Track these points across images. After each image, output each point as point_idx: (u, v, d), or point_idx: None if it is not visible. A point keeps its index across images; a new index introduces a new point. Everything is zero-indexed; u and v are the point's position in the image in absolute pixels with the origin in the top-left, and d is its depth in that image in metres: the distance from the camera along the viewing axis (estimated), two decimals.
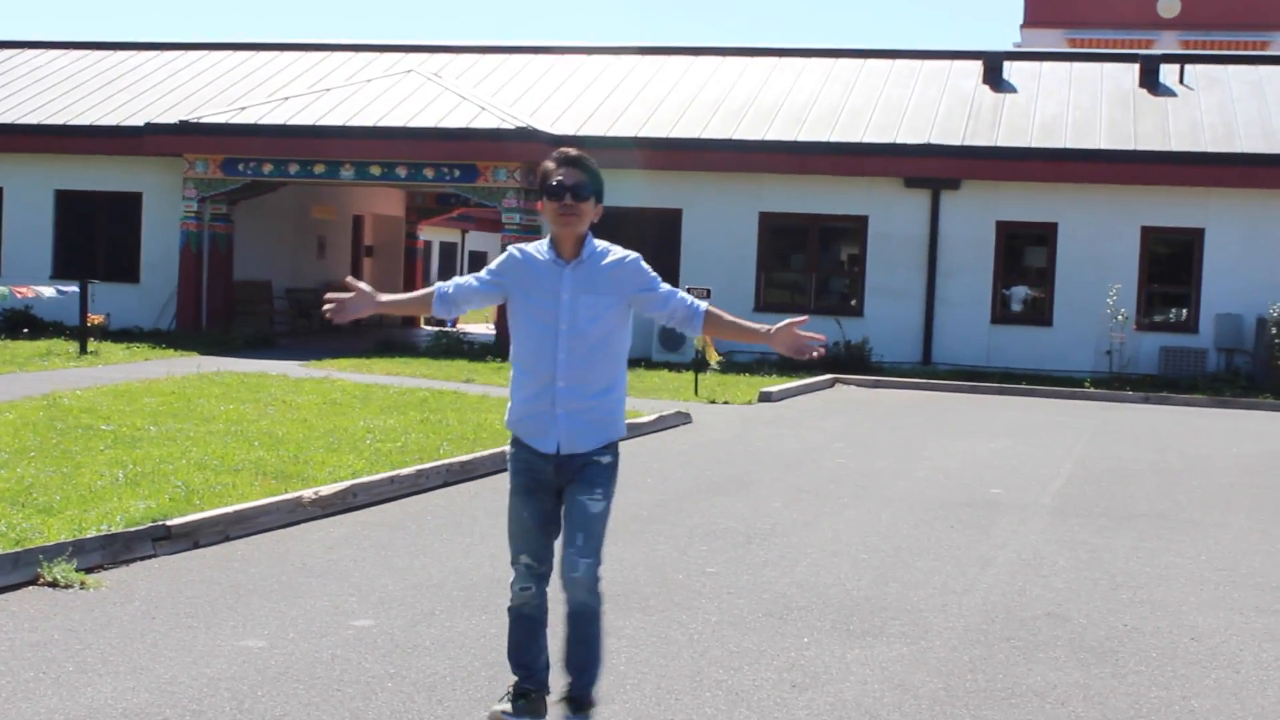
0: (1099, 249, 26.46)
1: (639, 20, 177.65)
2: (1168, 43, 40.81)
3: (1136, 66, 29.95)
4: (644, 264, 5.75)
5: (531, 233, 27.48)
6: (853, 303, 27.35)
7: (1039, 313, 26.99)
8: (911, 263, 26.95)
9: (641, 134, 27.93)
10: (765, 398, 20.56)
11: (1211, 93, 28.92)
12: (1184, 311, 26.69)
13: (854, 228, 27.60)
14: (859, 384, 24.13)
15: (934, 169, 26.85)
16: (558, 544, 5.77)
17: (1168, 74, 29.73)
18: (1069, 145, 26.79)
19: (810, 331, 5.64)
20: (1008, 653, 7.21)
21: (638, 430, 15.68)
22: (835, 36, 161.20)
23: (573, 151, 5.70)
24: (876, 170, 27.05)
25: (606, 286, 5.63)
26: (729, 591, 8.26)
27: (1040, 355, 26.36)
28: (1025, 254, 27.52)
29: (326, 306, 5.73)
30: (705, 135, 27.79)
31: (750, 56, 31.91)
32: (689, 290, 21.35)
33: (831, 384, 23.91)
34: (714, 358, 21.94)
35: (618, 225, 27.85)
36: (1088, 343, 26.16)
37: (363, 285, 5.71)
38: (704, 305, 5.75)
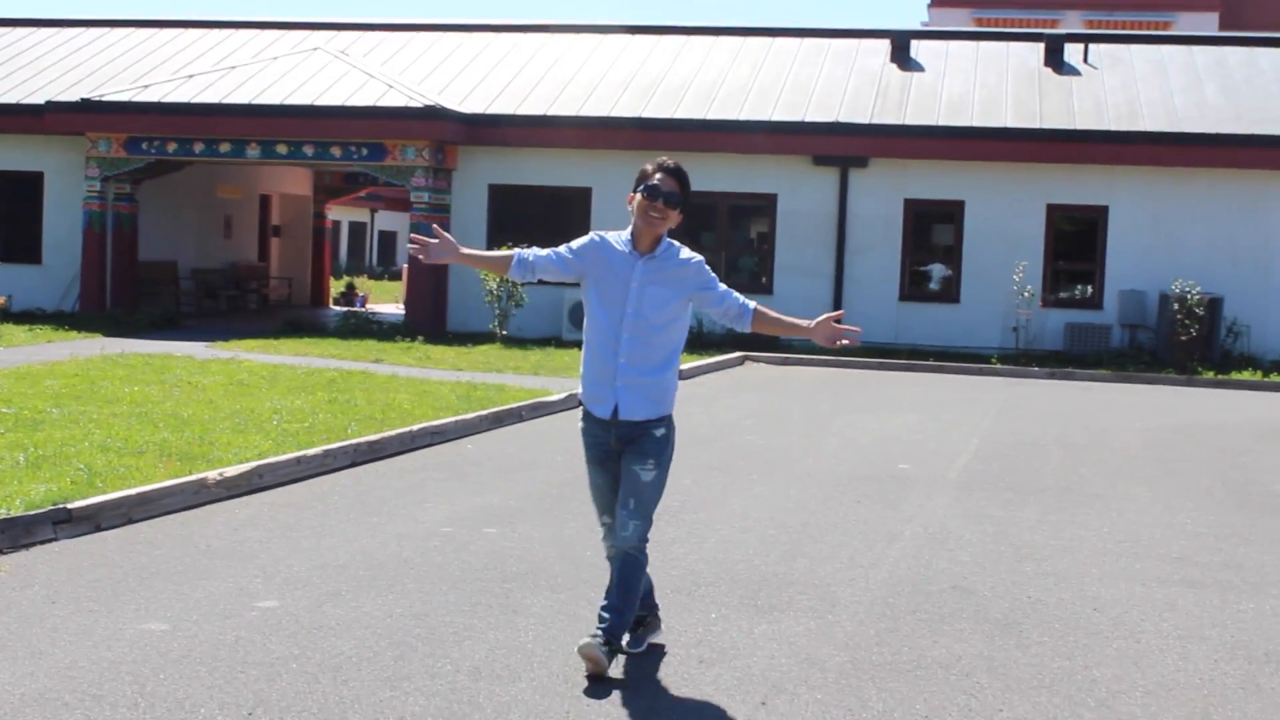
0: (1006, 226, 26.69)
1: None
2: (1072, 22, 41.22)
3: (1042, 45, 30.22)
4: (706, 266, 6.44)
5: (441, 211, 27.37)
6: (763, 280, 27.43)
7: (946, 290, 27.18)
8: (821, 240, 27.07)
9: (551, 112, 27.86)
10: None
11: (1115, 72, 29.23)
12: (1089, 288, 26.98)
13: (763, 206, 27.68)
14: (769, 361, 24.22)
15: (842, 147, 26.96)
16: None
17: (1072, 53, 30.02)
18: (976, 124, 26.98)
19: (846, 325, 6.25)
20: (914, 625, 7.26)
21: (546, 409, 15.65)
22: (744, 15, 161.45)
23: (672, 163, 6.35)
24: (785, 148, 27.13)
25: (671, 282, 6.32)
26: None
27: (948, 332, 26.57)
28: (933, 231, 27.71)
29: (411, 247, 6.42)
30: (615, 113, 27.76)
31: (659, 35, 31.91)
32: None
33: (741, 361, 23.97)
34: None
35: (528, 204, 27.87)
36: (994, 319, 26.40)
37: (447, 234, 6.38)
38: (753, 304, 6.42)
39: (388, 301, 38.53)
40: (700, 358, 23.07)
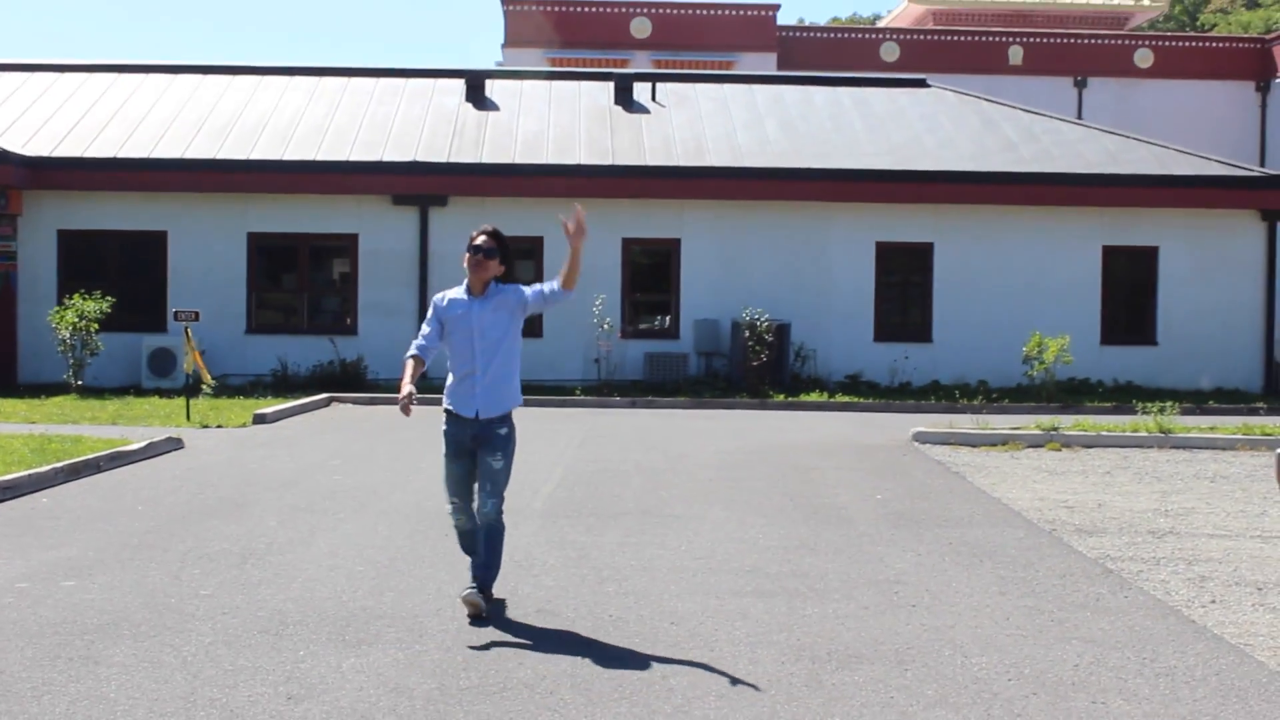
0: (585, 260, 27.17)
1: (113, 36, 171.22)
2: (641, 62, 42.47)
3: (612, 85, 31.20)
4: (521, 287, 8.64)
5: (6, 259, 26.26)
6: (347, 321, 27.34)
7: (529, 325, 27.58)
8: (403, 279, 27.17)
9: (121, 154, 27.11)
10: (260, 419, 20.32)
11: (682, 110, 30.38)
12: (666, 319, 27.90)
13: (345, 245, 27.60)
14: (356, 402, 24.15)
15: (421, 186, 27.14)
16: None
17: (641, 92, 31.08)
18: (551, 161, 27.61)
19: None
20: (500, 649, 7.45)
21: (126, 459, 15.26)
22: (318, 55, 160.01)
23: (490, 227, 8.72)
24: (364, 188, 27.14)
25: (500, 307, 8.50)
26: (224, 612, 8.21)
27: (533, 365, 26.90)
28: (516, 268, 27.94)
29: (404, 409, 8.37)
30: (189, 155, 27.22)
31: (232, 75, 31.49)
32: (177, 314, 20.94)
33: (328, 403, 23.83)
34: (208, 381, 21.58)
35: (102, 250, 27.02)
36: (577, 352, 27.00)
37: (406, 395, 8.34)
38: (555, 283, 8.62)
39: None
40: (285, 400, 22.84)
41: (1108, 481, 14.99)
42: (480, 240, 8.58)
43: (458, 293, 8.66)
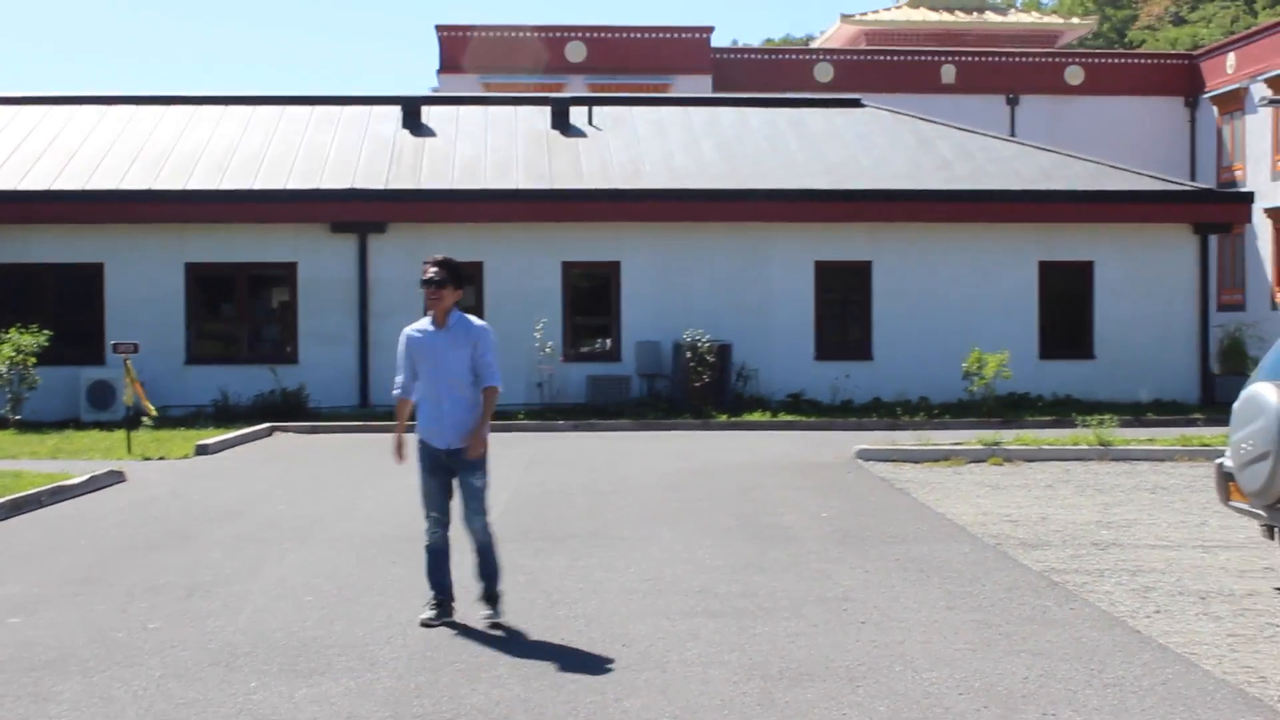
0: (524, 285, 27.33)
1: (44, 68, 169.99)
2: (577, 86, 42.58)
3: (548, 109, 31.20)
4: (487, 335, 9.03)
5: None
6: (288, 349, 27.19)
7: None
8: (343, 307, 27.06)
9: (56, 186, 26.90)
10: (203, 451, 20.19)
11: (619, 133, 30.44)
12: (608, 341, 27.90)
13: (284, 274, 27.47)
14: (298, 430, 24.02)
15: (359, 213, 27.06)
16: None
17: (578, 116, 31.12)
18: (489, 186, 27.58)
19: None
20: (452, 675, 7.46)
21: (67, 493, 15.14)
22: (252, 84, 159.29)
23: (439, 256, 9.17)
24: (302, 216, 27.02)
25: (463, 342, 8.93)
26: (173, 645, 8.17)
27: None
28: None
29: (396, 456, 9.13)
30: (125, 186, 27.02)
31: (167, 105, 31.30)
32: (116, 346, 20.81)
33: (270, 432, 23.69)
34: (150, 412, 21.47)
35: (34, 282, 26.80)
36: (519, 376, 26.91)
37: (399, 445, 9.16)
38: (494, 384, 8.95)
39: None
40: (227, 430, 22.69)
41: (1050, 495, 15.12)
42: (431, 273, 8.99)
43: (424, 324, 9.11)
